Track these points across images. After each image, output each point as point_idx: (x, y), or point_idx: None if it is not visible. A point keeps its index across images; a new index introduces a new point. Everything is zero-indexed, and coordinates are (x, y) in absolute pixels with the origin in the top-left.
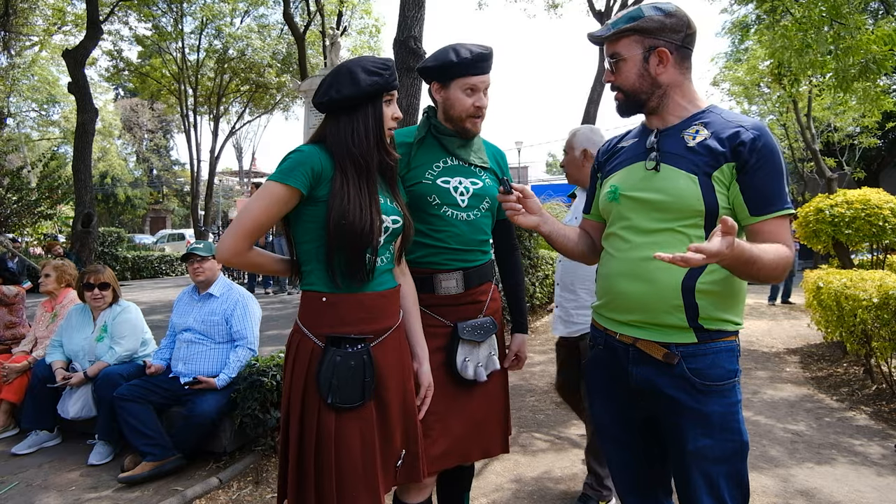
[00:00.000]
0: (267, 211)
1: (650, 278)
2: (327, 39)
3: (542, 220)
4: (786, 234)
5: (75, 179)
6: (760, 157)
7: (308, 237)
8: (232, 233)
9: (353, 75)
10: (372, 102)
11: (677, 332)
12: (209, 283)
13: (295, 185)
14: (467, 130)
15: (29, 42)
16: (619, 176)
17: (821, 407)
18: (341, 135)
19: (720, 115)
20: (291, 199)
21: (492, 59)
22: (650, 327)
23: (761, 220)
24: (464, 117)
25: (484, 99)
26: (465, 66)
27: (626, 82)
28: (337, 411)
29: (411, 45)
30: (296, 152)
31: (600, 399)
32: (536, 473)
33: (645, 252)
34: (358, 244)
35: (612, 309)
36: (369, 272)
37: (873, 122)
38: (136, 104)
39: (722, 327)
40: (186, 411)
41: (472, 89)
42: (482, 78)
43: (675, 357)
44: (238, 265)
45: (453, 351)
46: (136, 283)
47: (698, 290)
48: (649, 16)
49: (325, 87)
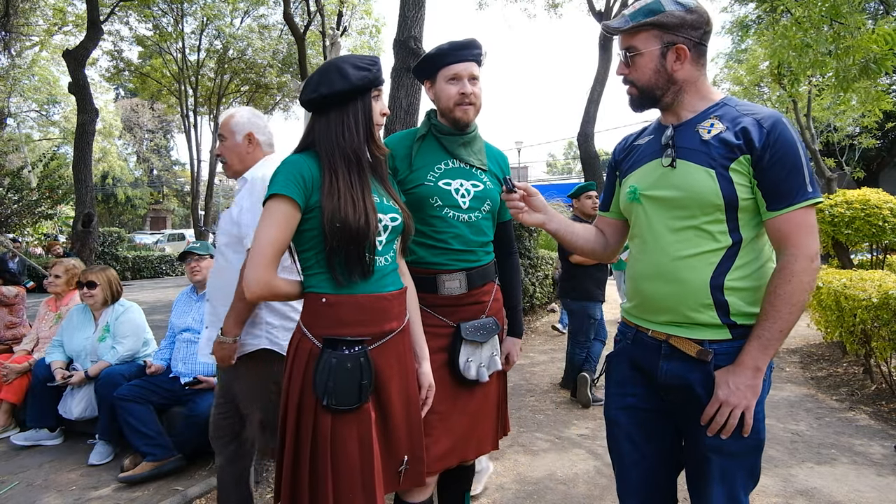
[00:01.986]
0: (283, 230)
1: (677, 278)
2: (327, 40)
3: (548, 217)
4: (802, 227)
5: (75, 179)
6: (775, 153)
7: (307, 245)
8: (255, 264)
9: (341, 71)
10: (361, 97)
11: (711, 329)
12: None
13: (293, 196)
14: (458, 120)
15: (29, 42)
16: (637, 175)
17: (821, 407)
18: (332, 131)
19: (735, 108)
20: (298, 212)
21: (474, 49)
22: (683, 325)
23: (778, 215)
24: (451, 106)
25: (468, 86)
26: (443, 55)
27: (641, 77)
28: (333, 413)
29: (411, 45)
30: (283, 164)
31: (618, 392)
32: (537, 473)
33: (670, 252)
34: (356, 240)
35: (643, 310)
36: (369, 267)
37: (873, 122)
38: (137, 104)
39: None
40: (187, 411)
41: (454, 77)
42: (464, 65)
43: (709, 353)
44: (273, 298)
45: (456, 351)
46: (136, 283)
47: (727, 286)
48: (670, 10)
49: (314, 85)
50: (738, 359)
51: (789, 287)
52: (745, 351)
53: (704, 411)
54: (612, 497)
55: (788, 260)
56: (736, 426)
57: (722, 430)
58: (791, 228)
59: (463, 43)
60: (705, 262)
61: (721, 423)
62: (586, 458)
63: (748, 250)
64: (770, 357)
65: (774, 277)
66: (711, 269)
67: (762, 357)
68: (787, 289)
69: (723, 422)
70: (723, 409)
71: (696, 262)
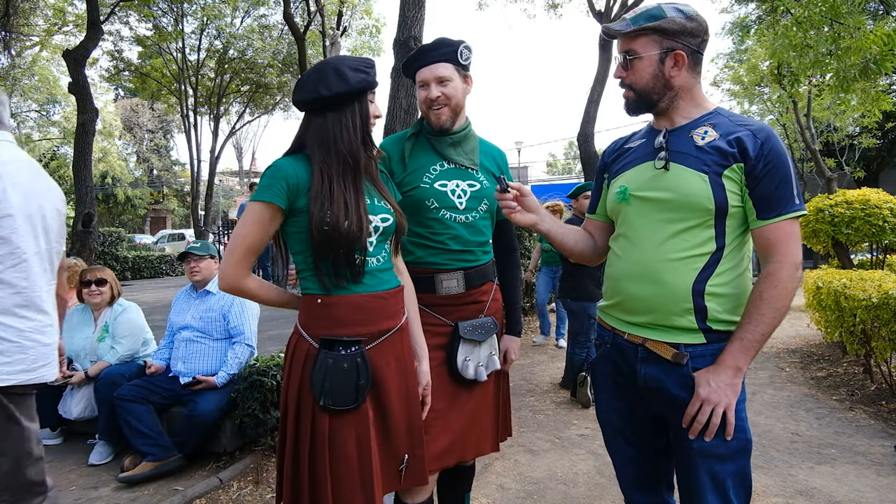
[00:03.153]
0: (254, 233)
1: (661, 280)
2: (327, 40)
3: (540, 218)
4: (790, 236)
5: (76, 179)
6: (768, 163)
7: (298, 247)
8: (228, 262)
9: (340, 73)
10: (359, 100)
11: (687, 333)
12: (206, 282)
13: (272, 202)
14: (432, 124)
15: (29, 42)
16: (628, 176)
17: (821, 407)
18: (329, 133)
19: (727, 118)
20: (276, 216)
21: (442, 49)
22: (660, 328)
23: (768, 224)
24: (425, 110)
25: (434, 91)
26: (412, 60)
27: (639, 81)
28: (331, 413)
29: (411, 45)
30: (270, 168)
31: (607, 396)
32: (537, 473)
33: (655, 254)
34: (344, 245)
35: (622, 310)
36: (359, 270)
37: (873, 122)
38: (137, 104)
39: (729, 328)
40: (187, 411)
41: (423, 83)
42: (429, 69)
43: (684, 357)
44: (239, 294)
45: (454, 350)
46: (136, 283)
47: (708, 292)
48: (671, 17)
49: (311, 85)
50: (718, 358)
51: (775, 292)
52: (727, 351)
53: (686, 411)
54: (611, 497)
55: (775, 267)
56: (719, 427)
57: (705, 432)
58: (780, 237)
59: (429, 45)
60: (689, 266)
61: (703, 422)
62: (586, 458)
63: (729, 258)
64: (750, 359)
65: (761, 282)
66: (695, 273)
67: (743, 358)
68: (772, 294)
69: (704, 420)
70: (704, 407)
71: (680, 265)
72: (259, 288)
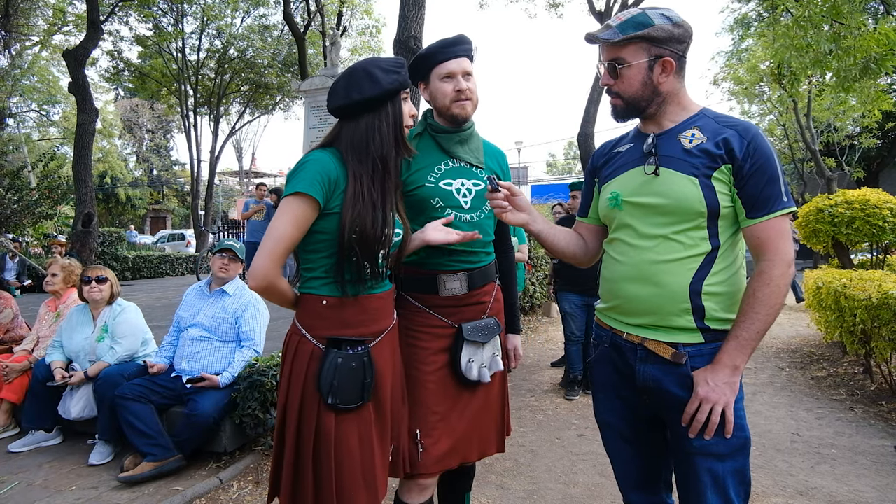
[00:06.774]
0: (298, 228)
1: (658, 281)
2: (327, 40)
3: (531, 218)
4: (781, 234)
5: (75, 179)
6: (755, 162)
7: (316, 247)
8: (268, 258)
9: (371, 76)
10: (392, 101)
11: (685, 332)
12: (225, 282)
13: (316, 196)
14: (456, 116)
15: (29, 42)
16: (619, 182)
17: (821, 407)
18: (363, 136)
19: (713, 119)
20: (315, 212)
21: (465, 45)
22: (658, 329)
23: (757, 222)
24: (448, 104)
25: (463, 82)
26: (435, 54)
27: (628, 89)
28: (336, 412)
29: (411, 45)
30: (310, 161)
31: (605, 395)
32: (537, 473)
33: (651, 256)
34: (373, 250)
35: (620, 312)
36: (382, 276)
37: (873, 122)
38: (136, 104)
39: (727, 327)
40: (187, 411)
41: (448, 76)
42: (457, 62)
43: (683, 356)
44: (269, 294)
45: (458, 352)
46: (136, 283)
47: (705, 291)
48: (659, 24)
49: (343, 90)
50: (716, 358)
51: (768, 290)
52: (724, 350)
53: (685, 410)
54: (611, 497)
55: (767, 265)
56: (718, 426)
57: (704, 431)
58: (770, 235)
59: (453, 40)
60: (685, 267)
61: (702, 420)
62: (586, 458)
63: (724, 257)
64: (747, 357)
65: (753, 281)
66: (691, 274)
67: (740, 356)
68: (765, 292)
69: (703, 419)
70: (703, 406)
71: (676, 266)
72: (288, 288)
